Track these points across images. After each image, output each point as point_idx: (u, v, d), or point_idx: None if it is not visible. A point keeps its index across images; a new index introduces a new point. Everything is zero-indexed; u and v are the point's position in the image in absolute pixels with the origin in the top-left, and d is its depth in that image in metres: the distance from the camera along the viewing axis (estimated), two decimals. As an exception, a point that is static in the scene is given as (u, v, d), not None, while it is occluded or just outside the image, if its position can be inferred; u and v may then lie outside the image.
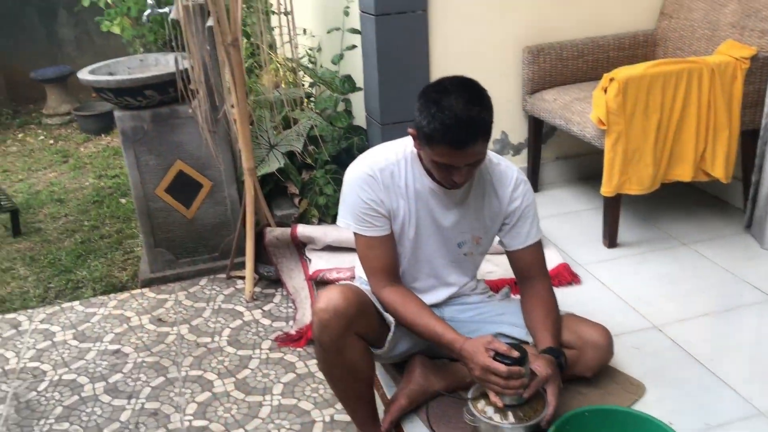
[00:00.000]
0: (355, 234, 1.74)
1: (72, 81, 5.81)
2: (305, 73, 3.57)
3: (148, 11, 2.81)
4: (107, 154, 4.82)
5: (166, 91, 2.73)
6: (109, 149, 4.94)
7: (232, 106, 2.73)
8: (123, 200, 4.02)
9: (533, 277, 1.80)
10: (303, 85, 3.57)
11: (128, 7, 4.14)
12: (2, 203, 3.82)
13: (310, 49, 3.79)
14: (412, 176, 1.70)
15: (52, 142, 5.22)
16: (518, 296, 1.87)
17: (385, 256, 1.72)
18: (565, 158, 3.39)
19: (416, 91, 1.59)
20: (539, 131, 3.21)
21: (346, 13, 3.11)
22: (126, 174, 4.40)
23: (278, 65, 3.66)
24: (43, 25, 6.41)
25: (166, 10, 2.75)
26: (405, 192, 1.70)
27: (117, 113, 2.76)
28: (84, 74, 2.75)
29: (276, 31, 3.14)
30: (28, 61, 6.13)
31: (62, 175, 4.50)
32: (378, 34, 2.85)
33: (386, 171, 1.69)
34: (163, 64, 2.97)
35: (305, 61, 3.75)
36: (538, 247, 1.80)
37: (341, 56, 3.23)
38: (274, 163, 3.03)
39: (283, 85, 3.64)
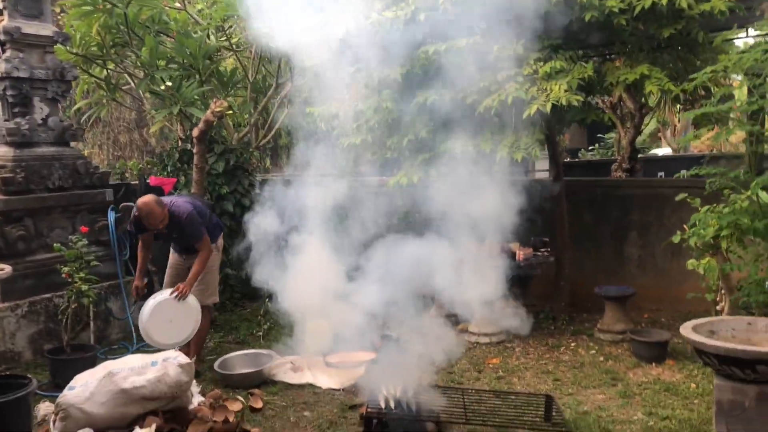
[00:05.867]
0: None
1: (631, 302, 5.92)
2: None
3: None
4: (658, 388, 4.58)
5: (782, 370, 2.36)
6: (660, 383, 4.68)
7: None
8: (674, 452, 3.65)
9: None
10: None
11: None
12: (555, 417, 3.93)
13: None
14: None
15: (602, 359, 5.28)
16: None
17: None
18: None
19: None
20: None
21: None
22: (677, 418, 4.09)
23: None
24: (612, 244, 6.84)
25: None
26: None
27: (717, 381, 2.50)
28: (687, 331, 2.62)
29: None
30: (591, 275, 6.57)
31: (610, 401, 4.42)
32: None
33: None
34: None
35: None
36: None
37: None
38: None
39: None
